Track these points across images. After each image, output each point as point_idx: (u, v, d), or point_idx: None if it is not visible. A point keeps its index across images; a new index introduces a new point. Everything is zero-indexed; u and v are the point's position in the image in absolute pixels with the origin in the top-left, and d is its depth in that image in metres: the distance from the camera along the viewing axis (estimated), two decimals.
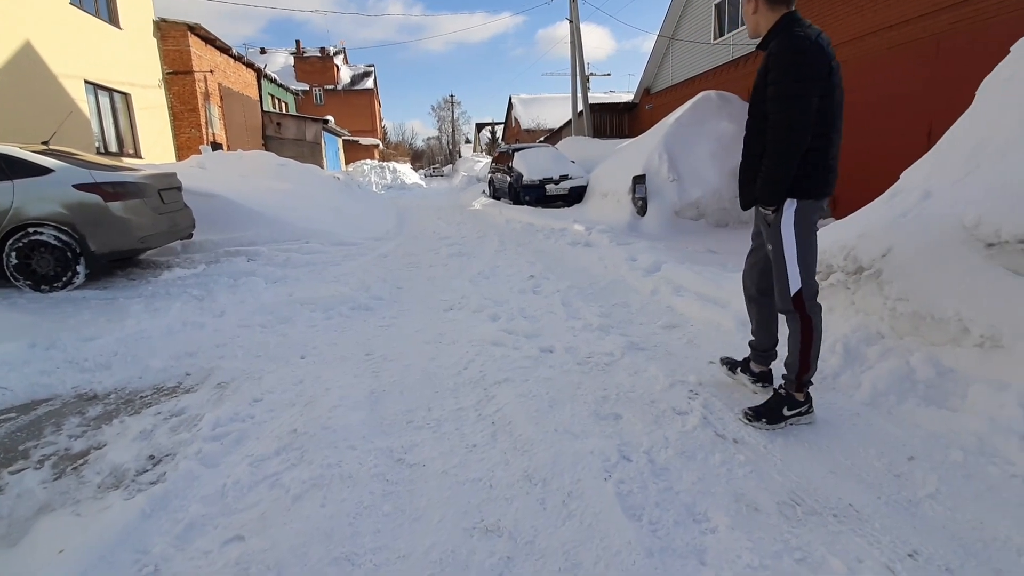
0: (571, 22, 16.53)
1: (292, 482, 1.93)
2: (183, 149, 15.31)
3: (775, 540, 1.59)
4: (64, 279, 5.01)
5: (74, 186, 4.99)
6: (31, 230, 4.85)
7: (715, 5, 13.07)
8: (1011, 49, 3.14)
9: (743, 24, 12.12)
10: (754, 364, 2.58)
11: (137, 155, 13.47)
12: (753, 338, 2.55)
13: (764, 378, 2.55)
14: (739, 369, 2.64)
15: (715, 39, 13.16)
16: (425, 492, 1.89)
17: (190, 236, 6.62)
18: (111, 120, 12.76)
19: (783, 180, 2.03)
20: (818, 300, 2.19)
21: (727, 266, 5.13)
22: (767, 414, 2.23)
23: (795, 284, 2.10)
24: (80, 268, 5.06)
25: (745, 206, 2.35)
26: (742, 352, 3.02)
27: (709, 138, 9.02)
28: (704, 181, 8.56)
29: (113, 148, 12.73)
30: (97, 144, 12.02)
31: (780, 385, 2.29)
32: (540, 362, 3.01)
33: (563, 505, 1.78)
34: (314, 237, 7.65)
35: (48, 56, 9.99)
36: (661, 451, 2.07)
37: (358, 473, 1.99)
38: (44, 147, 5.39)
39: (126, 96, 13.12)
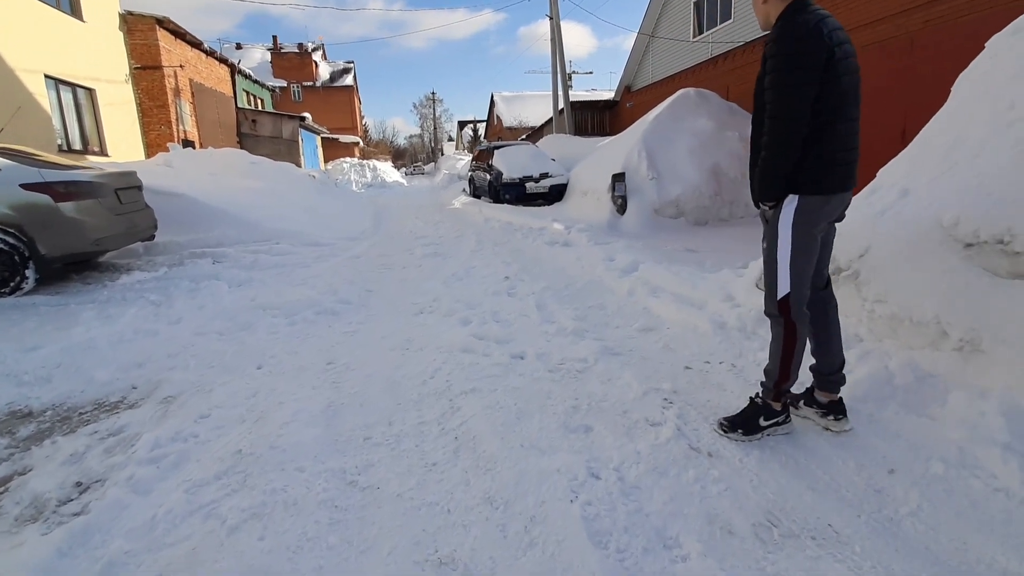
0: (551, 19, 16.41)
1: (230, 511, 1.76)
2: (153, 147, 14.83)
3: (750, 567, 1.47)
4: (11, 285, 4.73)
5: (21, 185, 4.71)
6: None
7: (694, 3, 13.06)
8: (986, 45, 3.09)
9: (721, 22, 12.14)
10: (820, 392, 2.19)
11: (103, 153, 12.99)
12: (815, 361, 2.20)
13: (835, 409, 2.15)
14: (802, 402, 2.24)
15: (694, 37, 13.16)
16: (377, 519, 1.73)
17: (152, 237, 6.34)
18: (74, 116, 12.28)
19: (779, 173, 1.90)
20: (805, 308, 2.03)
21: (705, 265, 5.05)
22: (743, 424, 2.11)
23: (783, 287, 1.96)
24: (29, 273, 4.78)
25: (753, 201, 2.22)
26: (719, 356, 2.93)
27: (688, 135, 8.98)
28: (683, 179, 8.51)
29: (77, 146, 12.26)
30: (59, 142, 11.55)
31: (757, 394, 2.17)
32: (510, 370, 2.87)
33: (525, 532, 1.65)
34: (285, 237, 7.41)
35: (4, 49, 9.53)
36: (632, 467, 1.95)
37: (304, 499, 1.83)
38: None
39: (90, 91, 12.64)
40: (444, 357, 3.08)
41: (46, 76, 10.90)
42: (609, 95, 19.81)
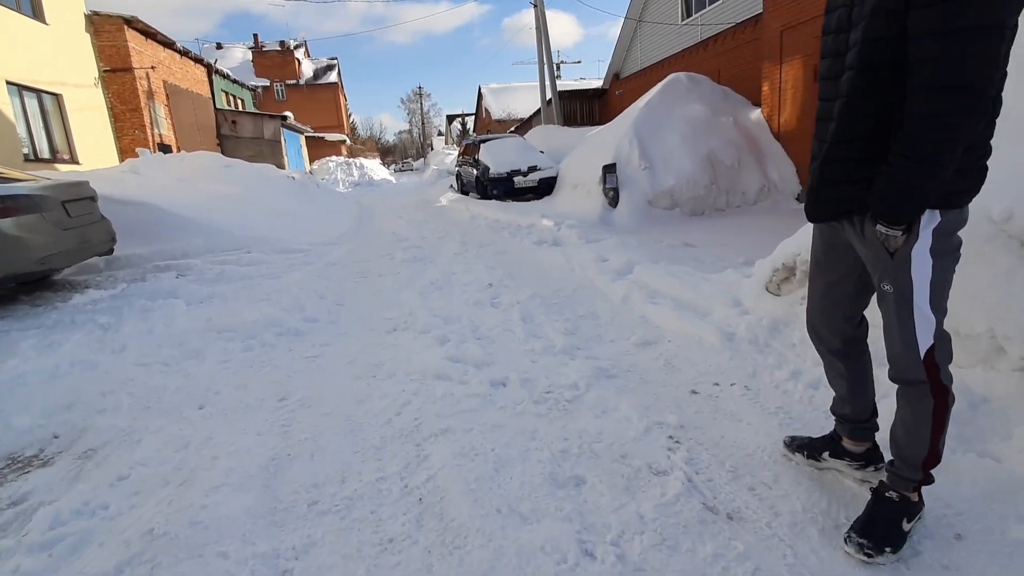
0: (535, 7, 15.90)
1: None
2: (127, 152, 14.26)
3: None
4: None
5: None
6: None
7: None
8: None
9: (711, 3, 11.70)
10: (851, 442, 1.75)
11: (74, 161, 12.48)
12: (847, 408, 1.73)
13: (872, 459, 1.73)
14: (827, 453, 1.79)
15: (682, 20, 12.72)
16: None
17: (111, 251, 5.88)
18: (41, 124, 11.75)
19: (936, 180, 1.22)
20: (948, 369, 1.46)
21: (705, 263, 4.68)
22: (886, 537, 1.45)
23: (926, 341, 1.38)
24: None
25: (823, 216, 1.52)
26: (729, 376, 2.55)
27: (680, 122, 8.58)
28: (677, 168, 8.12)
29: (45, 155, 11.76)
30: (26, 151, 11.04)
31: (888, 487, 1.52)
32: (489, 402, 2.48)
33: None
34: (257, 245, 6.97)
35: None
36: (634, 539, 1.56)
37: None
38: None
39: (57, 97, 12.11)
40: (415, 387, 2.68)
41: (8, 82, 10.37)
42: (598, 84, 19.35)
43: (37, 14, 11.46)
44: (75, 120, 12.56)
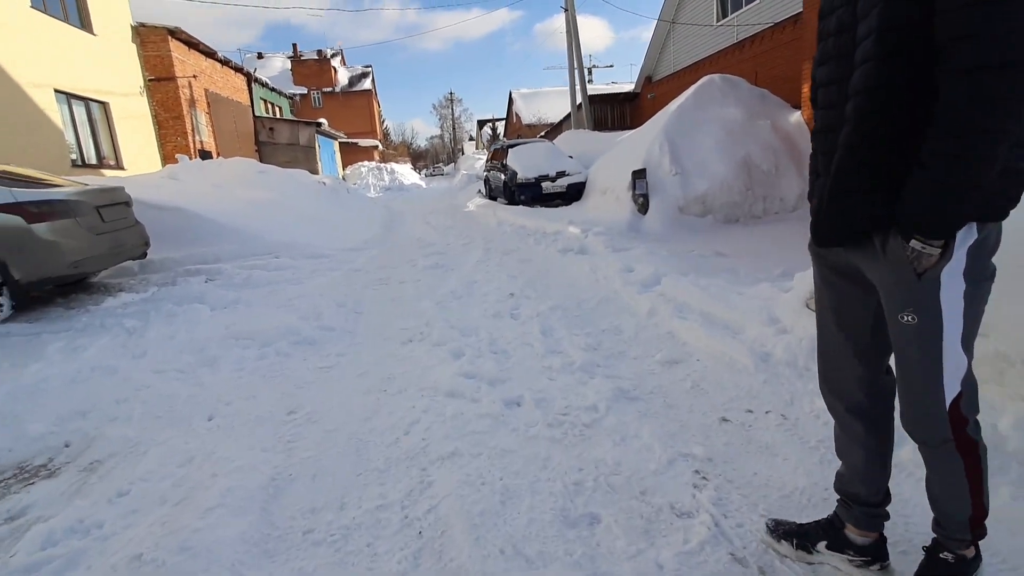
0: (566, 11, 15.76)
1: None
2: (169, 158, 14.77)
3: None
4: None
5: None
6: None
7: None
8: None
9: (747, 3, 11.32)
10: (857, 531, 1.42)
11: (120, 167, 12.98)
12: (859, 486, 1.41)
13: (879, 554, 1.42)
14: (824, 544, 1.46)
15: (718, 21, 12.36)
16: None
17: (144, 255, 6.03)
18: (88, 130, 12.26)
19: (981, 182, 1.02)
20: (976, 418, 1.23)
21: (739, 274, 4.42)
22: None
23: (952, 388, 1.14)
24: (4, 299, 4.47)
25: (834, 238, 1.25)
26: (764, 402, 2.33)
27: (714, 125, 8.27)
28: (710, 173, 7.82)
29: (92, 161, 12.24)
30: (74, 156, 11.53)
31: (940, 547, 1.31)
32: (501, 423, 2.33)
33: None
34: (285, 250, 7.03)
35: (8, 64, 9.45)
36: None
37: None
38: None
39: (104, 105, 12.62)
40: (425, 404, 2.57)
41: (56, 91, 10.84)
42: (630, 87, 19.04)
43: (85, 25, 11.99)
44: (121, 127, 13.08)
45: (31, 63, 10.01)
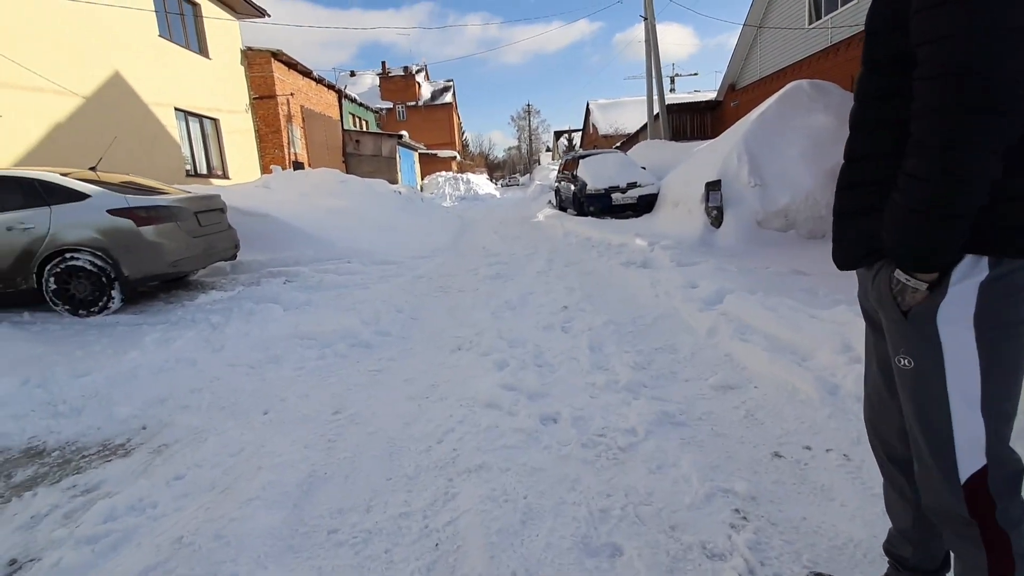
0: (645, 19, 15.47)
1: None
2: (266, 169, 16.15)
3: None
4: (100, 304, 5.03)
5: (108, 211, 5.01)
6: (68, 256, 4.91)
7: None
8: None
9: (843, 4, 10.50)
10: None
11: (225, 176, 14.34)
12: (908, 548, 1.23)
13: None
14: None
15: (810, 23, 11.57)
16: None
17: (234, 257, 6.58)
18: (201, 144, 13.67)
19: (961, 205, 0.85)
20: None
21: (817, 295, 4.06)
22: None
23: (971, 460, 0.95)
24: (115, 293, 5.06)
25: (847, 260, 1.12)
26: (826, 439, 2.09)
27: (800, 135, 7.71)
28: (794, 185, 7.29)
29: (203, 171, 13.62)
30: (188, 167, 12.90)
31: None
32: (534, 439, 2.28)
33: None
34: (357, 256, 7.40)
35: (138, 86, 10.77)
36: None
37: None
38: (92, 172, 5.50)
39: (215, 121, 14.02)
40: (463, 413, 2.57)
41: (176, 109, 12.21)
42: (713, 96, 18.29)
43: (202, 50, 13.42)
44: (228, 141, 14.48)
45: (156, 85, 11.35)
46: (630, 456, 2.11)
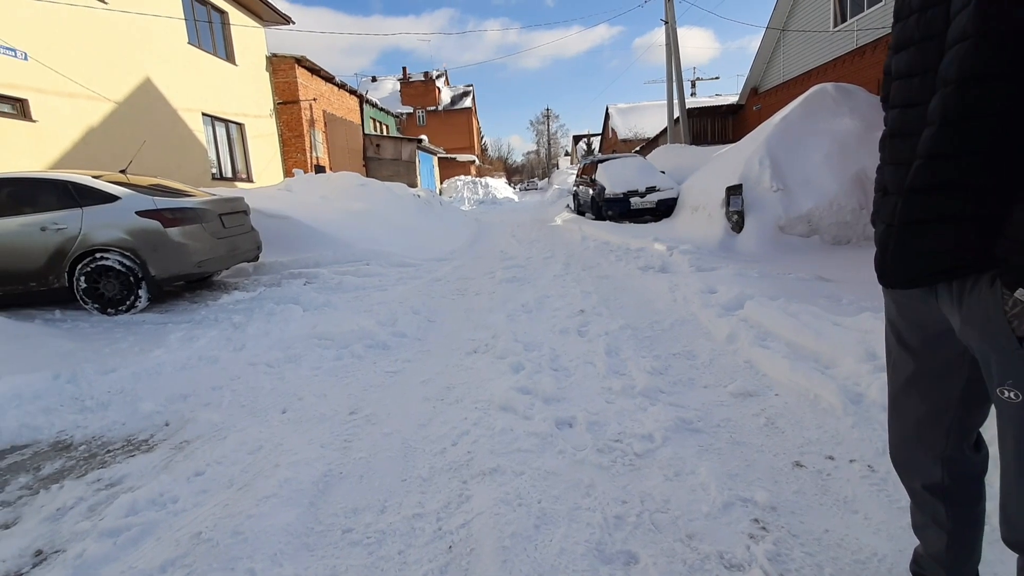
0: (666, 23, 15.38)
1: None
2: (289, 172, 16.44)
3: None
4: (128, 303, 5.16)
5: (137, 212, 5.15)
6: (98, 255, 5.06)
7: None
8: None
9: (870, 6, 10.29)
10: None
11: (249, 179, 14.63)
12: (942, 573, 1.19)
13: None
14: None
15: (835, 26, 11.36)
16: None
17: (256, 258, 6.71)
18: (226, 148, 13.98)
19: None
20: None
21: (841, 302, 3.97)
22: None
23: None
24: (142, 292, 5.20)
25: (905, 277, 1.01)
26: (849, 449, 2.03)
27: (825, 139, 7.56)
28: (818, 190, 7.15)
29: (228, 174, 13.91)
30: (214, 171, 13.19)
31: None
32: (549, 443, 2.26)
33: None
34: (375, 258, 7.48)
35: (168, 91, 11.07)
36: None
37: None
38: (122, 175, 5.67)
39: (240, 126, 14.33)
40: (477, 416, 2.56)
41: (203, 114, 12.52)
42: (735, 100, 18.07)
43: (229, 57, 13.74)
44: (253, 145, 14.78)
45: (185, 91, 11.66)
46: (646, 462, 2.08)
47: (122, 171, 5.78)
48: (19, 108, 7.89)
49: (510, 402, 2.64)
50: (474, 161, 38.55)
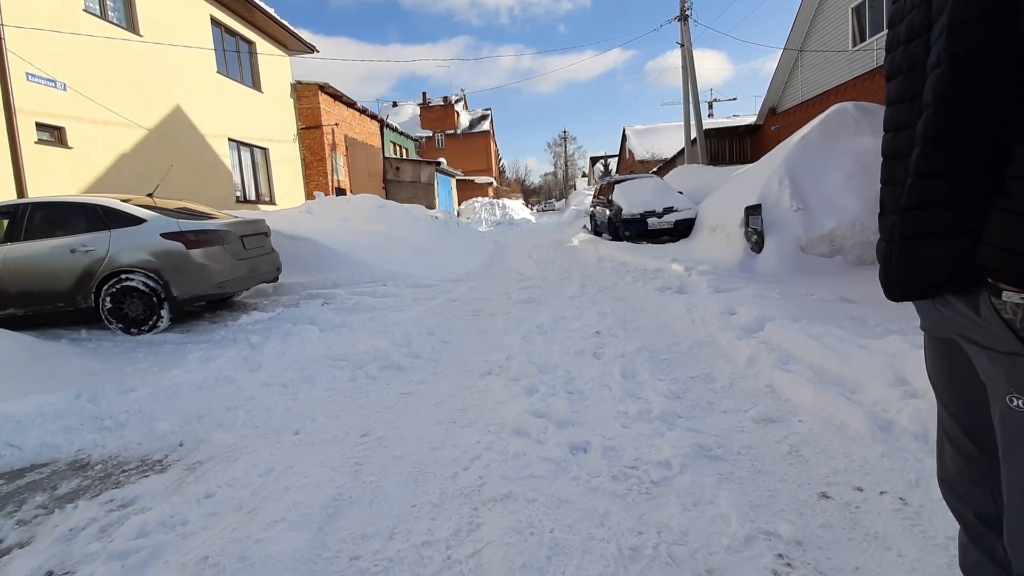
0: (682, 46, 15.52)
1: None
2: (310, 195, 16.80)
3: None
4: (150, 323, 5.27)
5: (161, 235, 5.28)
6: (123, 276, 5.19)
7: (852, 8, 11.28)
8: None
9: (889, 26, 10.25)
10: None
11: (272, 202, 14.99)
12: None
13: None
14: None
15: (854, 46, 11.32)
16: None
17: (276, 279, 6.81)
18: (251, 172, 14.38)
19: None
20: None
21: (866, 324, 3.84)
22: None
23: None
24: (164, 312, 5.30)
25: (907, 290, 1.01)
26: (879, 480, 1.93)
27: (846, 158, 7.45)
28: (840, 209, 7.01)
29: (252, 197, 14.28)
30: (238, 194, 13.56)
31: None
32: (563, 469, 2.20)
33: None
34: (392, 279, 7.53)
35: (196, 118, 11.48)
36: None
37: None
38: (149, 199, 5.84)
39: (264, 151, 14.75)
40: (489, 440, 2.51)
41: (229, 139, 12.93)
42: (751, 120, 18.03)
43: (256, 85, 14.23)
44: (276, 169, 15.19)
45: (213, 117, 12.08)
46: (663, 491, 2.00)
47: (149, 194, 5.96)
48: (56, 136, 8.25)
49: (523, 426, 2.59)
50: (492, 183, 39.01)
